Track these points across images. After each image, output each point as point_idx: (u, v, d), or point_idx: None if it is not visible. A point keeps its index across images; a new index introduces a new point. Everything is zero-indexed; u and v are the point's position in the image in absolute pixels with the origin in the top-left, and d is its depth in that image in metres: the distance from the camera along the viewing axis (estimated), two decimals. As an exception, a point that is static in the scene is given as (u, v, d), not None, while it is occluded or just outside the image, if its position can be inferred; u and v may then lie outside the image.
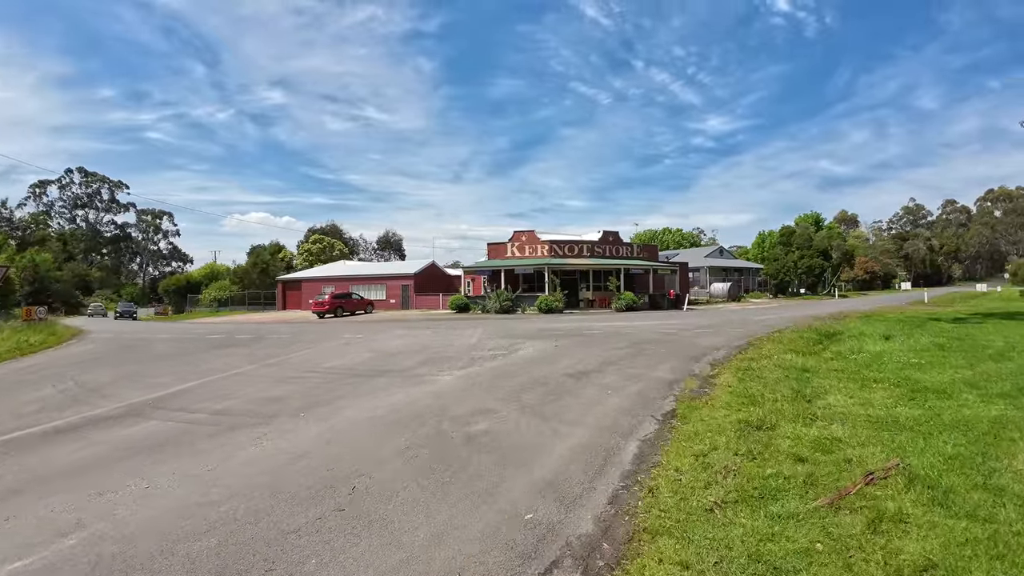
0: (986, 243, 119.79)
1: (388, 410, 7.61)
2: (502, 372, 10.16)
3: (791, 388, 8.68)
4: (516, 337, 16.28)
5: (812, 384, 9.07)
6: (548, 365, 10.89)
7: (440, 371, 10.42)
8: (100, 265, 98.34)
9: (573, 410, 7.26)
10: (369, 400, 8.27)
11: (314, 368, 11.70)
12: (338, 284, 51.07)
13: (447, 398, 8.15)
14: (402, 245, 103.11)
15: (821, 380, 9.43)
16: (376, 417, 7.27)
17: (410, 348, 14.24)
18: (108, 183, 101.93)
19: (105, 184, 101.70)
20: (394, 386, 9.26)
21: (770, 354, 12.40)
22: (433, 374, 10.16)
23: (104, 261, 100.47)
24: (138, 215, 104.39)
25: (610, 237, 41.22)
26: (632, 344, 14.24)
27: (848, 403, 7.74)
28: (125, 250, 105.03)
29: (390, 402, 8.06)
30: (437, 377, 9.82)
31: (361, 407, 7.86)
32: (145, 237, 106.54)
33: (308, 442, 6.30)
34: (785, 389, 8.61)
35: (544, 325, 21.96)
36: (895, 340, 14.23)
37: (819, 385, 8.98)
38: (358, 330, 21.85)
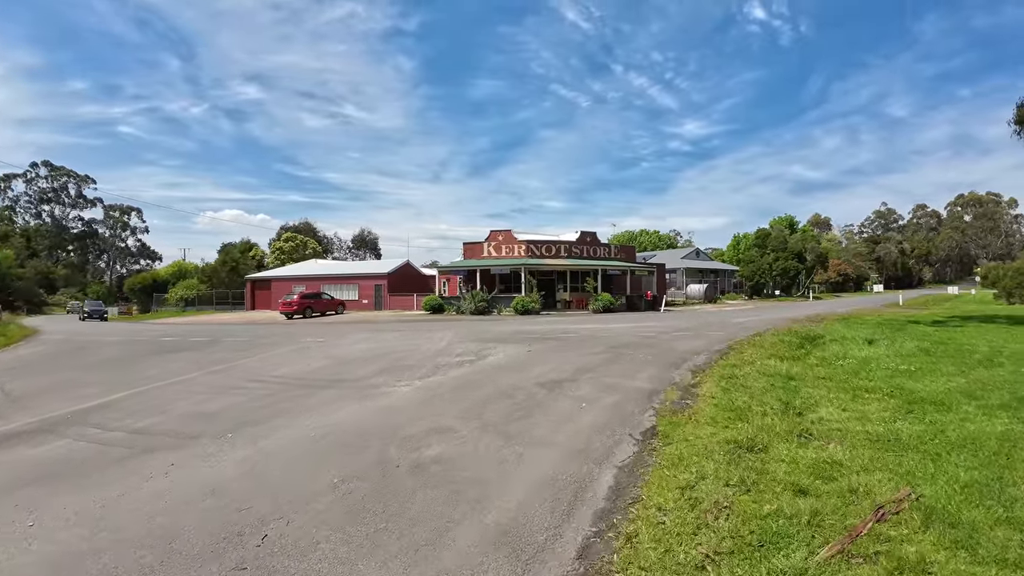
0: (956, 247, 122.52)
1: (330, 430, 6.69)
2: (467, 382, 9.29)
3: (779, 399, 8.00)
4: (488, 341, 15.42)
5: (801, 394, 8.41)
6: (518, 373, 10.05)
7: (399, 381, 9.51)
8: (66, 262, 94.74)
9: (542, 428, 6.43)
10: (311, 417, 7.33)
11: (261, 377, 10.69)
12: (309, 283, 49.60)
13: (400, 414, 7.25)
14: (378, 244, 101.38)
15: (810, 390, 8.79)
16: (314, 439, 6.35)
17: (371, 354, 13.28)
18: (75, 178, 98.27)
19: (72, 179, 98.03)
20: (344, 399, 8.33)
21: (752, 360, 11.76)
22: (390, 384, 9.24)
23: (70, 258, 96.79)
24: (106, 211, 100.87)
25: (588, 237, 40.62)
26: (609, 349, 13.50)
27: (842, 417, 7.07)
28: (92, 247, 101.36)
29: (334, 420, 7.13)
30: (394, 388, 8.91)
31: (300, 426, 6.92)
32: (113, 234, 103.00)
33: (228, 471, 5.36)
34: (773, 400, 7.93)
35: (519, 327, 21.14)
36: (879, 345, 13.75)
37: (808, 396, 8.32)
38: (322, 332, 20.76)
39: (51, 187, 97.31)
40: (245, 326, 29.14)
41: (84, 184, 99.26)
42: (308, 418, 7.30)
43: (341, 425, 6.87)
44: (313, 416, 7.38)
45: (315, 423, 7.03)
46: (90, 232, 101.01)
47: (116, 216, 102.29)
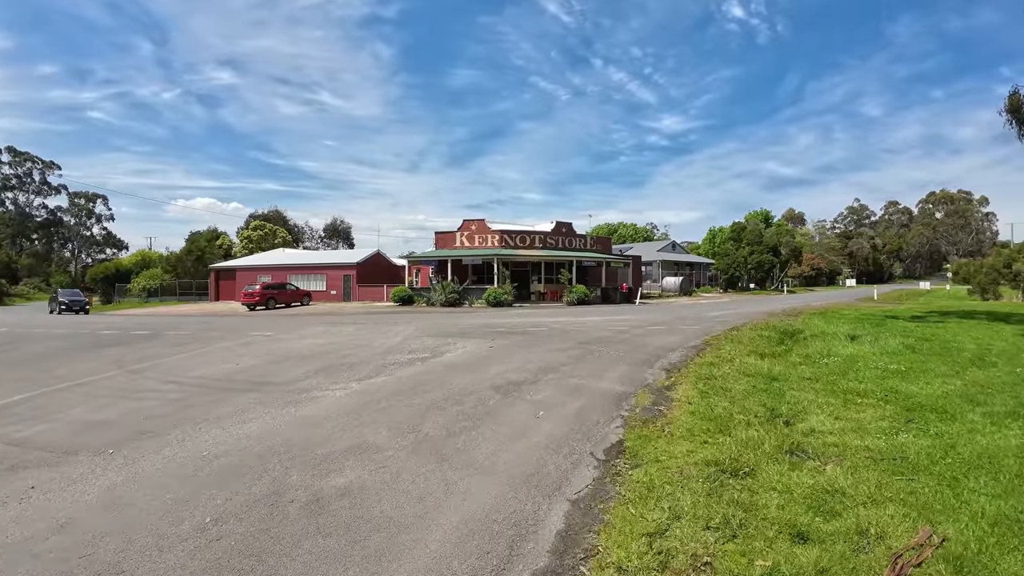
0: (926, 243, 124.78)
1: (230, 447, 5.52)
2: (413, 384, 8.16)
3: (763, 405, 7.06)
4: (449, 336, 14.29)
5: (787, 398, 7.49)
6: (474, 373, 8.96)
7: (334, 384, 8.34)
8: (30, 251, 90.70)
9: (487, 445, 5.35)
10: (214, 430, 6.14)
11: (180, 377, 9.42)
12: (275, 273, 47.81)
13: (321, 427, 6.10)
14: (350, 234, 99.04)
15: (796, 393, 7.88)
16: (206, 459, 5.18)
17: (316, 350, 12.05)
18: (39, 163, 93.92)
19: (36, 165, 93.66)
20: (262, 406, 7.14)
21: (731, 357, 10.87)
22: (323, 388, 8.07)
23: (34, 247, 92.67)
24: (71, 198, 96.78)
25: (563, 228, 39.64)
26: (578, 344, 12.49)
27: (836, 427, 6.15)
28: (56, 235, 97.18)
29: (240, 434, 5.96)
30: (325, 393, 7.74)
31: (197, 441, 5.72)
32: (78, 222, 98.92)
33: (90, 500, 4.25)
34: (756, 406, 6.99)
35: (487, 320, 20.04)
36: (863, 341, 13.00)
37: (795, 400, 7.40)
38: (275, 325, 19.39)
39: (15, 173, 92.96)
40: (201, 318, 27.53)
41: (49, 170, 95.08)
42: (211, 431, 6.11)
43: (245, 441, 5.70)
44: (217, 428, 6.19)
45: (215, 438, 5.84)
46: (55, 220, 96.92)
47: (81, 204, 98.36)
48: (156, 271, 69.31)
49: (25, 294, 75.74)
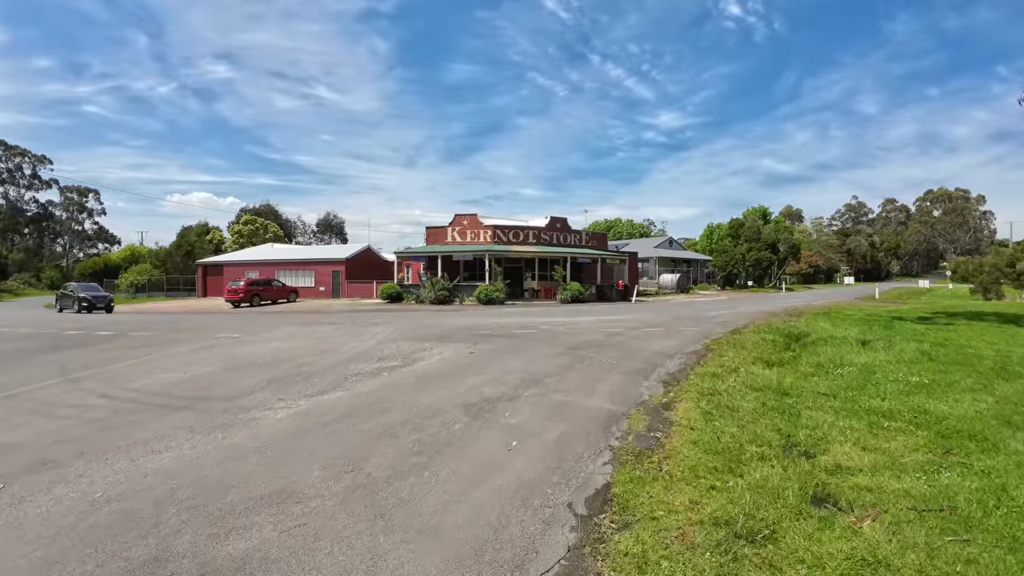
0: (924, 241, 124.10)
1: (127, 488, 4.47)
2: (372, 402, 7.10)
3: (777, 430, 6.06)
4: (428, 339, 13.23)
5: (803, 421, 6.48)
6: (445, 387, 7.91)
7: (280, 400, 7.28)
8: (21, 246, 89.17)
9: (440, 492, 4.30)
10: (120, 462, 5.08)
11: (118, 389, 8.35)
12: (263, 269, 46.66)
13: (244, 462, 5.05)
14: (344, 228, 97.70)
15: (812, 413, 6.87)
16: (93, 505, 4.13)
17: (279, 356, 10.98)
18: (30, 157, 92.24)
19: (27, 159, 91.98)
20: (186, 430, 6.08)
21: (735, 366, 9.86)
22: (267, 405, 7.01)
23: (25, 242, 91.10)
24: (62, 192, 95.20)
25: (558, 223, 38.56)
26: (568, 350, 11.46)
27: (866, 462, 5.15)
28: (47, 230, 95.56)
29: (147, 469, 4.90)
30: (266, 413, 6.67)
31: (92, 479, 4.67)
32: (69, 216, 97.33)
33: None
34: (769, 431, 5.99)
35: (474, 320, 18.99)
36: (875, 348, 12.02)
37: (812, 423, 6.38)
38: (249, 326, 18.29)
39: (5, 167, 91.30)
40: (178, 316, 26.40)
41: (40, 164, 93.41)
42: (118, 462, 5.07)
43: (150, 479, 4.65)
44: (126, 459, 5.14)
45: (119, 473, 4.80)
46: (46, 214, 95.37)
47: (74, 198, 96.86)
48: (145, 266, 68.10)
49: (14, 289, 74.50)
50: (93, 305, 30.73)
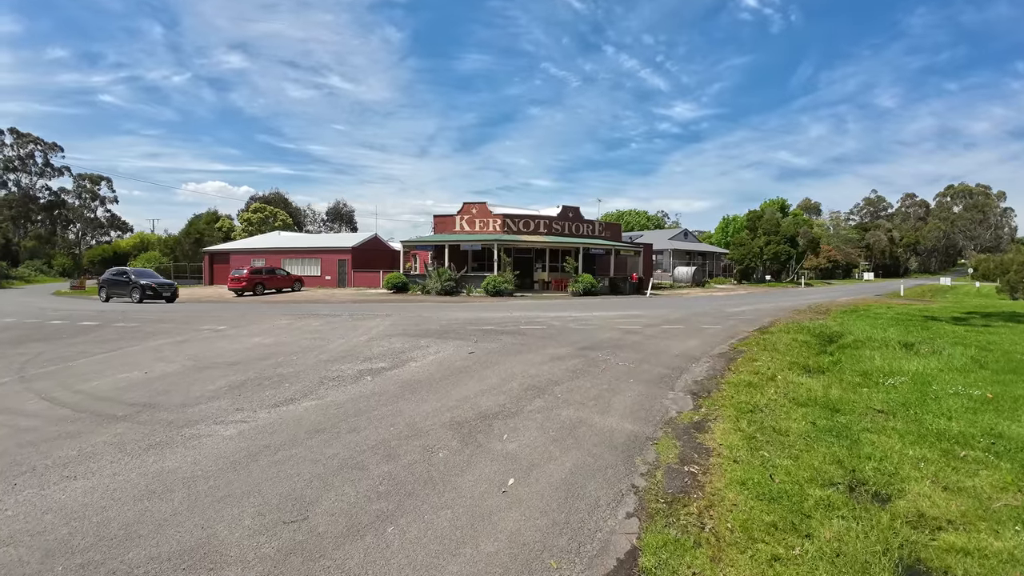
0: (943, 237, 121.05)
1: (15, 530, 3.40)
2: (343, 416, 5.92)
3: (837, 462, 4.87)
4: (426, 335, 12.06)
5: (864, 449, 5.28)
6: (435, 396, 6.74)
7: (239, 411, 6.13)
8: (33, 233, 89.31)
9: (403, 563, 3.13)
10: (24, 491, 3.99)
11: (66, 391, 7.26)
12: (270, 257, 45.83)
13: (167, 500, 3.90)
14: (353, 217, 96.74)
15: (872, 436, 5.67)
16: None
17: (255, 353, 9.84)
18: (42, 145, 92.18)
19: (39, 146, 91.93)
20: (116, 449, 4.97)
21: (771, 373, 8.61)
22: (220, 418, 5.86)
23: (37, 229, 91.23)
24: (75, 180, 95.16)
25: (570, 213, 37.20)
26: (580, 351, 10.24)
27: (952, 511, 4.00)
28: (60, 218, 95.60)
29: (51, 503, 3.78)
30: (215, 428, 5.50)
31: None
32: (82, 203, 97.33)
33: None
34: (828, 464, 4.80)
35: (479, 314, 17.81)
36: (921, 352, 10.72)
37: (876, 450, 5.21)
38: (237, 317, 17.23)
39: (17, 155, 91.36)
40: (175, 304, 25.52)
41: (52, 152, 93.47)
42: (23, 491, 4.01)
43: (47, 517, 3.55)
44: (33, 487, 4.07)
45: (17, 507, 3.73)
46: (58, 202, 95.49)
47: (86, 186, 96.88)
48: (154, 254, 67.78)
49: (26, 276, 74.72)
50: (159, 293, 26.83)
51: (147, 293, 26.52)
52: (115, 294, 28.16)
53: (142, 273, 28.73)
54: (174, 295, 27.44)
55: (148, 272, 29.76)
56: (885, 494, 4.38)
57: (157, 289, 26.88)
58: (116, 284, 28.19)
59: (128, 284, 27.36)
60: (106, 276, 29.53)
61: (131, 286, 27.13)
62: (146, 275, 28.60)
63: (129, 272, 28.41)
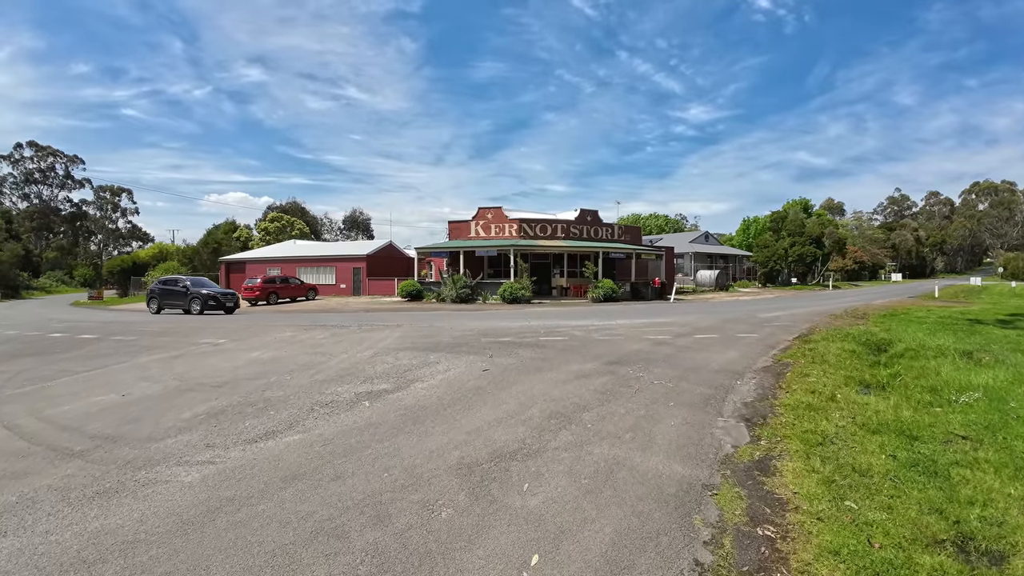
0: (969, 236, 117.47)
1: None
2: (329, 455, 4.94)
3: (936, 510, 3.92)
4: (437, 348, 11.08)
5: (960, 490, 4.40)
6: (441, 427, 5.74)
7: (211, 446, 5.18)
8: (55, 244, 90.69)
9: None
10: None
11: (31, 419, 6.39)
12: (285, 266, 45.41)
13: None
14: (370, 225, 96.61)
15: (964, 472, 4.72)
16: None
17: (248, 372, 8.93)
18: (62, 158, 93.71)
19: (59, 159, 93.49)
20: (58, 496, 4.07)
21: (829, 391, 7.49)
22: (187, 456, 4.92)
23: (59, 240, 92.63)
24: (96, 192, 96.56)
25: (588, 216, 36.08)
26: (607, 366, 9.18)
27: None
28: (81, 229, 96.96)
29: None
30: (176, 471, 4.55)
31: None
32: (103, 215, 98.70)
33: None
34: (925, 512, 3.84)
35: (495, 323, 16.82)
36: (983, 362, 9.51)
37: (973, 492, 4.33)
38: (240, 330, 16.42)
39: (37, 168, 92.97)
40: (181, 316, 24.92)
41: (72, 164, 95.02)
42: None
43: None
44: None
45: None
46: (79, 213, 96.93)
47: (107, 197, 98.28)
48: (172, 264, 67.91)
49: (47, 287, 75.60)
50: (221, 304, 24.91)
51: (209, 304, 24.74)
52: (168, 305, 26.34)
53: (199, 282, 26.99)
54: (236, 304, 25.86)
55: (203, 280, 27.88)
56: (998, 552, 3.50)
57: (220, 299, 24.98)
58: (169, 295, 26.31)
59: (185, 295, 25.54)
60: (155, 286, 27.52)
61: (189, 296, 25.34)
62: (203, 284, 26.80)
63: (185, 281, 26.76)
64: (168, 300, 26.32)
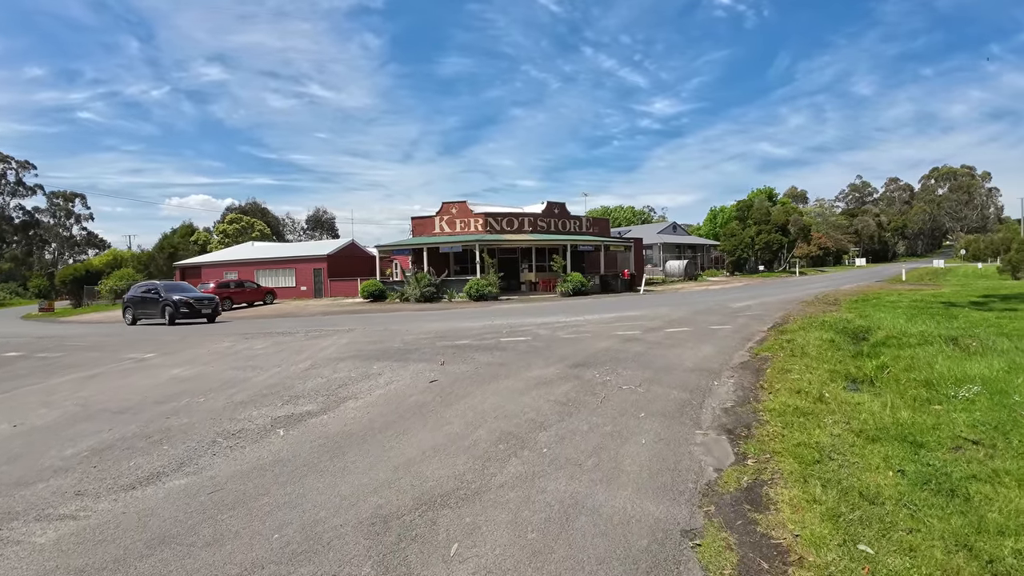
0: (929, 220, 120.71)
1: None
2: (218, 506, 3.88)
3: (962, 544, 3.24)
4: (383, 356, 9.99)
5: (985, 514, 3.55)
6: (364, 463, 4.71)
7: (80, 494, 4.00)
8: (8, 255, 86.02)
9: None
10: None
11: None
12: (242, 269, 43.51)
13: None
14: (335, 224, 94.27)
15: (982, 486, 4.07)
16: None
17: (160, 393, 7.72)
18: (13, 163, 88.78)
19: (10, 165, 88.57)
20: None
21: (816, 391, 6.71)
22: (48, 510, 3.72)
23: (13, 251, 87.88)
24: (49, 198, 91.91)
25: (555, 209, 35.25)
26: (572, 370, 8.28)
27: None
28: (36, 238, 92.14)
29: None
30: (28, 531, 3.41)
31: None
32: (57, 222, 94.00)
33: None
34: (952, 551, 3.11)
35: (455, 324, 15.81)
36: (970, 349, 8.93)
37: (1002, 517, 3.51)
38: (175, 341, 15.05)
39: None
40: (118, 327, 23.21)
41: (24, 170, 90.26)
42: None
43: None
44: None
45: None
46: (32, 222, 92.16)
47: (60, 204, 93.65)
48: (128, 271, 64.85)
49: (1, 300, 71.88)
50: (196, 311, 21.72)
51: (181, 311, 21.52)
52: (144, 314, 23.13)
53: (173, 287, 23.98)
54: (216, 311, 22.62)
55: (180, 285, 25.05)
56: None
57: (194, 306, 21.72)
58: (144, 303, 23.20)
59: (158, 301, 22.29)
60: (131, 294, 24.41)
61: (161, 303, 21.98)
62: (177, 288, 23.76)
63: (158, 287, 23.64)
64: (143, 309, 23.34)
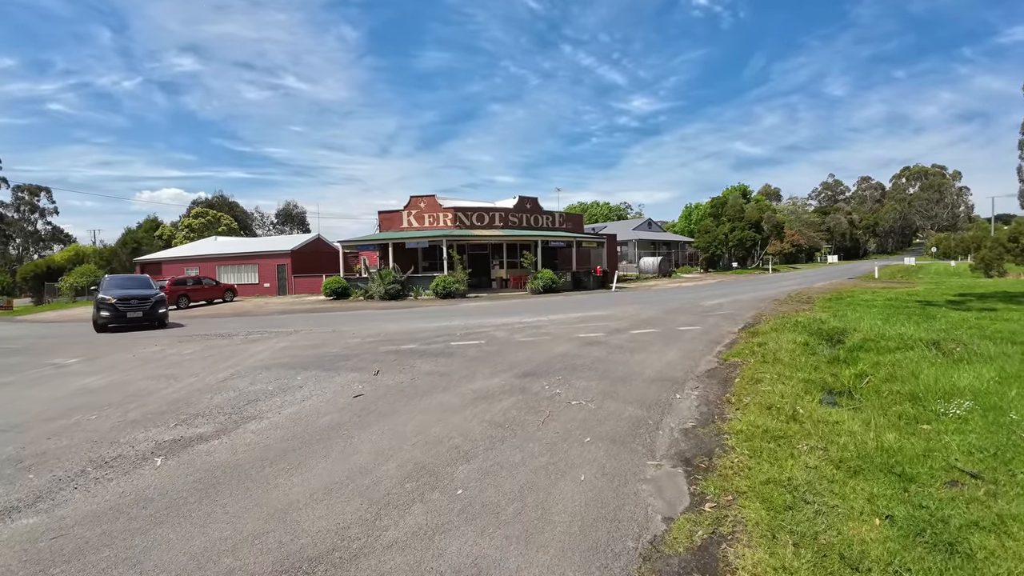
0: (900, 218, 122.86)
1: None
2: (53, 559, 2.97)
3: None
4: (314, 364, 8.97)
5: None
6: (241, 507, 3.77)
7: None
8: None
9: None
10: None
11: None
12: (204, 265, 41.81)
13: None
14: (305, 219, 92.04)
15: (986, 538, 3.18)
16: None
17: (55, 408, 6.59)
18: None
19: None
20: None
21: (788, 406, 5.94)
22: None
23: None
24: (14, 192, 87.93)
25: (528, 204, 34.35)
26: (519, 379, 7.41)
27: None
28: None
29: None
30: None
31: None
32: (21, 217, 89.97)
33: None
34: None
35: (410, 325, 14.83)
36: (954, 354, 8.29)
37: None
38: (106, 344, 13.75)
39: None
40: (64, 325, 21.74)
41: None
42: None
43: None
44: None
45: None
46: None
47: (24, 197, 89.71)
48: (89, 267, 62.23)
49: (-39, 298, 68.47)
50: (120, 314, 17.02)
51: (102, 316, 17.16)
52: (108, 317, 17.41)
53: (115, 281, 19.11)
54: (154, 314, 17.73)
55: (122, 279, 19.75)
56: None
57: (118, 308, 17.04)
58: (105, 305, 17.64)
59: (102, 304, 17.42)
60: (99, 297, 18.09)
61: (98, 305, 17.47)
62: (116, 283, 18.81)
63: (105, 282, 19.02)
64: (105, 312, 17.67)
